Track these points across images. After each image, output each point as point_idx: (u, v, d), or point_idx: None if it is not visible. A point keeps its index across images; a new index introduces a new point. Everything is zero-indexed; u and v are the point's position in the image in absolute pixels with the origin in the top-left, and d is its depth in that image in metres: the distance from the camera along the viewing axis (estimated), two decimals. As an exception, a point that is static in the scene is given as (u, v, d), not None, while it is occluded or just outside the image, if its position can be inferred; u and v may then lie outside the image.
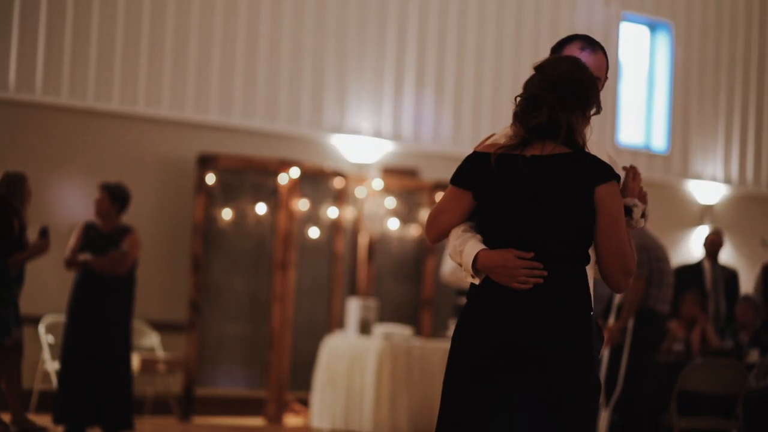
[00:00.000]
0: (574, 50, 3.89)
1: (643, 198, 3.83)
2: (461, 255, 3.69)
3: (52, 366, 10.18)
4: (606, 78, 4.02)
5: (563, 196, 3.60)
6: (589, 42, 3.92)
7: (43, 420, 8.99)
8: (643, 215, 3.80)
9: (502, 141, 3.72)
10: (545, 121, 3.61)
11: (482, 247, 3.64)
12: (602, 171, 3.61)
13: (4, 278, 8.14)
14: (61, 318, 9.69)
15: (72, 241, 8.85)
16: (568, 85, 3.62)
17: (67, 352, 8.75)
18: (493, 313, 3.63)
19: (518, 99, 3.66)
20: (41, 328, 10.41)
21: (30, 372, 10.20)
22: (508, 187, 3.63)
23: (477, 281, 3.68)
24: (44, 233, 8.38)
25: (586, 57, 3.87)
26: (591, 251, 3.69)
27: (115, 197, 8.90)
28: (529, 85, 3.66)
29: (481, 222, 3.71)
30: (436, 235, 3.79)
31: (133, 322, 9.16)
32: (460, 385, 3.67)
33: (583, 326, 3.63)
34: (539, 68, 3.66)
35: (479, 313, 3.66)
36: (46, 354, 10.33)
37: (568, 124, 3.61)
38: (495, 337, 3.61)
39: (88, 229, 8.89)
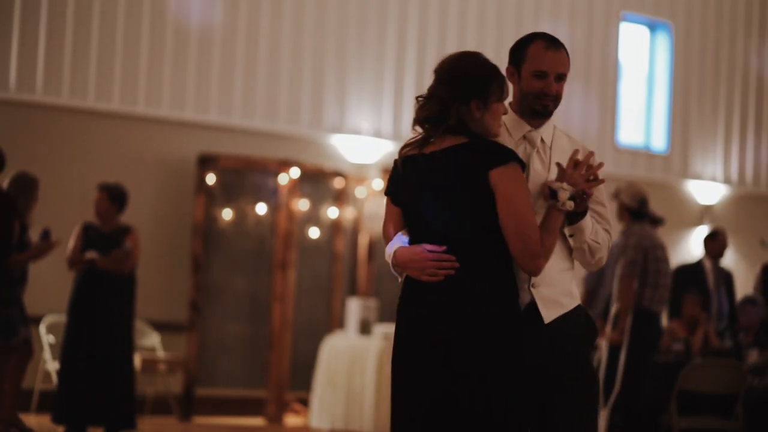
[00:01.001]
0: (538, 50, 3.93)
1: (588, 186, 3.74)
2: (388, 257, 3.82)
3: (52, 366, 10.18)
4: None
5: (460, 186, 3.65)
6: (551, 41, 3.96)
7: (44, 420, 8.99)
8: (574, 198, 3.71)
9: None
10: (436, 114, 3.69)
11: (399, 245, 3.75)
12: (495, 155, 3.63)
13: (6, 278, 8.15)
14: (61, 318, 9.69)
15: (72, 241, 8.85)
16: (457, 76, 3.72)
17: (67, 351, 8.74)
18: (412, 308, 3.73)
19: (417, 100, 3.77)
20: (42, 328, 10.41)
21: (30, 372, 10.19)
22: (413, 186, 3.73)
23: (399, 279, 3.81)
24: (46, 235, 8.39)
25: (550, 56, 3.90)
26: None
27: (113, 197, 8.91)
28: (431, 87, 3.78)
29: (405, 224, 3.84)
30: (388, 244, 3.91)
31: (135, 321, 9.16)
32: (393, 382, 3.76)
33: (489, 318, 3.62)
34: (435, 70, 3.77)
35: (402, 309, 3.77)
36: (47, 354, 10.34)
37: (459, 114, 3.67)
38: (414, 331, 3.70)
39: (87, 230, 8.89)
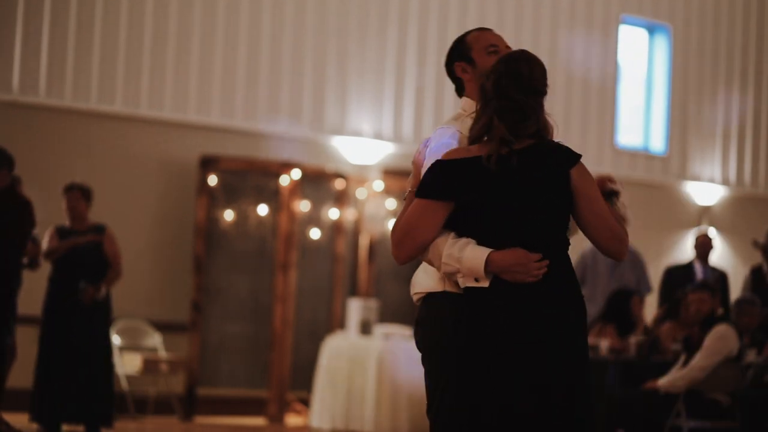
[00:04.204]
0: (478, 34, 4.18)
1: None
2: (460, 261, 3.64)
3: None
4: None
5: (545, 185, 3.67)
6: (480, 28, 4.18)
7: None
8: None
9: (463, 146, 3.75)
10: (537, 127, 3.69)
11: (487, 249, 3.62)
12: (573, 154, 3.69)
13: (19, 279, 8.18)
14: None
15: (47, 243, 8.70)
16: (544, 86, 3.74)
17: (43, 349, 8.63)
18: (512, 312, 3.64)
19: (502, 105, 3.68)
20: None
21: (28, 372, 10.21)
22: (503, 187, 3.66)
23: (486, 284, 3.64)
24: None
25: (490, 34, 4.15)
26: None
27: (87, 195, 8.80)
28: (508, 89, 3.68)
29: (473, 226, 3.68)
30: (413, 252, 3.70)
31: (112, 317, 9.03)
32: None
33: (579, 311, 3.72)
34: (518, 74, 3.69)
35: (497, 315, 3.65)
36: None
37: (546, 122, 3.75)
38: (519, 334, 3.64)
39: (60, 232, 8.75)
